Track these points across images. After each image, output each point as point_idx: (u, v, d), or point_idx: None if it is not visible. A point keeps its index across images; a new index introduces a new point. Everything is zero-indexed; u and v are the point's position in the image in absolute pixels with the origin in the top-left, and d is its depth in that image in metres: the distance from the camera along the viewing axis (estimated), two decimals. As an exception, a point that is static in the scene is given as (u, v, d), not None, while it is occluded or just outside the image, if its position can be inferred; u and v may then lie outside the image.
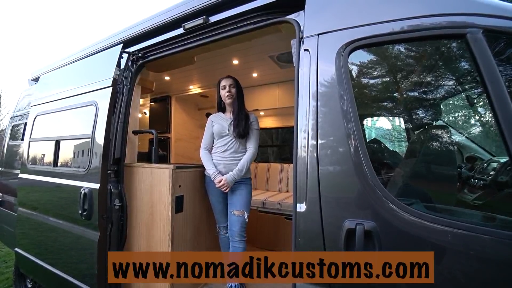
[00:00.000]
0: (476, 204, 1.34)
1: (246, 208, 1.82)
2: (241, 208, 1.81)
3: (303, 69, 1.11)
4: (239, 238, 1.79)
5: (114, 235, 1.70)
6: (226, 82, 1.91)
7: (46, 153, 2.15)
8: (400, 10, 0.94)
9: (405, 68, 1.18)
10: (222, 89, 1.92)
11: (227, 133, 1.86)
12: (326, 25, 1.07)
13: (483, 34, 0.81)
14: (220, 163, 1.85)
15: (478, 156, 1.80)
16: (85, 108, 1.87)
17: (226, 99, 1.91)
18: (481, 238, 0.77)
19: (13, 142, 3.07)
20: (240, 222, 1.79)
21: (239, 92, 1.94)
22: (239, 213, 1.80)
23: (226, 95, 1.89)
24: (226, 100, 1.91)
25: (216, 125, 1.90)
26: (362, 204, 0.93)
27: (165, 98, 3.85)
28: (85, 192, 1.66)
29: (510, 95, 0.76)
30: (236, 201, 1.82)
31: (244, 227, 1.81)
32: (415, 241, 0.85)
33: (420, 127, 1.42)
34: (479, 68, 0.81)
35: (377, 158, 1.38)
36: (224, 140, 1.87)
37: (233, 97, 1.90)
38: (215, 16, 1.48)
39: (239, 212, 1.80)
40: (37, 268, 2.05)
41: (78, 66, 2.15)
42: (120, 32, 1.95)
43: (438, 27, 0.87)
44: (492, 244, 0.76)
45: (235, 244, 1.80)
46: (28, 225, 2.19)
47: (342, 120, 0.97)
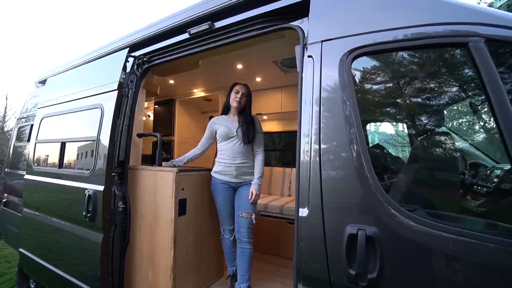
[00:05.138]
0: (479, 211, 1.33)
1: (253, 210, 1.84)
2: (249, 209, 1.82)
3: (307, 75, 1.12)
4: (246, 239, 1.81)
5: (117, 237, 1.71)
6: (241, 89, 1.94)
7: (51, 155, 2.18)
8: (402, 19, 0.96)
9: (408, 74, 1.19)
10: (234, 93, 1.94)
11: (235, 135, 1.89)
12: (330, 32, 1.09)
13: (485, 43, 0.82)
14: (232, 165, 1.87)
15: (482, 162, 1.80)
16: (90, 111, 1.90)
17: (233, 103, 1.94)
18: (484, 245, 0.77)
19: (19, 144, 3.11)
20: (247, 223, 1.81)
21: (250, 101, 1.99)
22: (247, 214, 1.81)
23: (235, 99, 1.92)
24: (233, 104, 1.94)
25: (222, 127, 1.92)
26: (364, 210, 0.93)
27: (169, 101, 3.89)
28: (89, 194, 1.68)
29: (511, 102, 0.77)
30: (245, 203, 1.83)
31: (251, 229, 1.83)
32: (417, 247, 0.85)
33: (423, 133, 1.43)
34: (481, 76, 0.82)
35: (379, 163, 1.38)
36: (231, 143, 1.89)
37: (240, 104, 1.93)
38: (220, 22, 1.51)
39: (247, 214, 1.81)
40: (40, 269, 2.07)
41: (84, 70, 2.19)
42: (126, 36, 1.98)
43: (440, 36, 0.89)
44: (495, 252, 0.76)
45: (244, 245, 1.81)
46: (33, 225, 2.21)
47: (344, 125, 0.98)
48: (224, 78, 3.16)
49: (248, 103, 1.97)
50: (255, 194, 1.81)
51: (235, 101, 1.92)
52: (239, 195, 1.88)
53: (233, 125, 1.92)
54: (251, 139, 1.87)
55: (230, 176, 1.87)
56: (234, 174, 1.87)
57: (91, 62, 2.17)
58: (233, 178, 1.87)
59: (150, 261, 1.76)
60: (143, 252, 1.80)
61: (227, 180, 1.88)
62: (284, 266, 2.50)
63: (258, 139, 1.93)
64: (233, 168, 1.86)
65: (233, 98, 1.94)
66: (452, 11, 0.90)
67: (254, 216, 1.83)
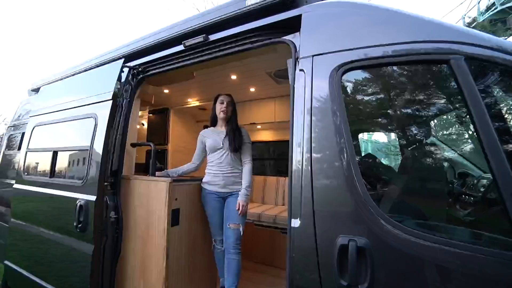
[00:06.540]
0: (467, 220, 1.36)
1: (241, 221, 1.84)
2: (237, 221, 1.82)
3: (299, 87, 1.16)
4: (234, 250, 1.80)
5: (109, 248, 1.68)
6: (225, 99, 2.00)
7: (43, 164, 2.15)
8: (389, 35, 1.01)
9: (396, 87, 1.23)
10: (219, 103, 2.00)
11: (221, 146, 1.92)
12: (321, 47, 1.13)
13: (465, 60, 0.87)
14: (219, 175, 1.90)
15: (470, 172, 1.85)
16: (84, 120, 1.89)
17: (220, 114, 1.99)
18: (473, 256, 0.79)
19: (8, 152, 3.06)
20: (235, 235, 1.81)
21: (235, 110, 2.05)
22: (235, 226, 1.82)
23: (221, 110, 1.98)
24: (219, 115, 2.00)
25: (209, 139, 1.97)
26: (355, 220, 0.95)
27: (164, 110, 3.89)
28: (81, 204, 1.66)
29: (490, 116, 0.82)
30: (232, 214, 1.83)
31: (240, 240, 1.82)
32: (407, 258, 0.87)
33: (411, 144, 1.47)
34: (462, 91, 0.87)
35: (369, 173, 1.41)
36: (219, 154, 1.93)
37: (227, 114, 1.99)
38: (215, 35, 1.54)
39: (235, 226, 1.82)
40: (26, 282, 2.00)
41: (79, 79, 2.19)
42: (121, 47, 2.00)
43: (424, 53, 0.94)
44: (483, 262, 0.78)
45: (231, 256, 1.80)
46: (21, 236, 2.15)
47: (335, 135, 1.01)
48: (218, 88, 3.17)
49: (234, 112, 2.03)
50: (241, 205, 1.82)
51: (222, 111, 1.98)
52: (227, 206, 1.89)
53: (220, 136, 1.96)
54: (238, 147, 1.90)
55: (218, 186, 1.89)
56: (222, 184, 1.89)
57: (86, 72, 2.18)
58: (221, 188, 1.89)
59: (141, 272, 1.73)
60: (134, 264, 1.77)
61: (216, 190, 1.90)
62: (277, 276, 2.48)
63: (246, 148, 1.97)
64: (221, 178, 1.89)
65: (219, 109, 1.99)
66: (435, 30, 0.95)
67: (242, 227, 1.83)
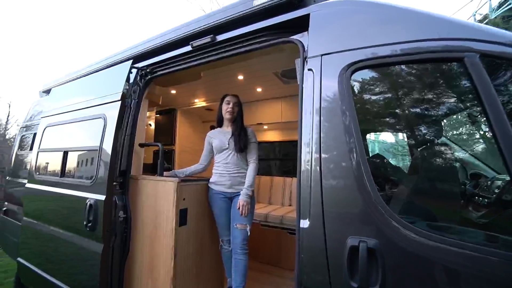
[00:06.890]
0: (481, 222, 1.33)
1: (248, 221, 1.84)
2: (244, 221, 1.82)
3: (307, 87, 1.15)
4: (241, 250, 1.80)
5: (117, 247, 1.70)
6: (231, 99, 2.00)
7: (53, 164, 2.19)
8: (399, 34, 0.99)
9: (406, 86, 1.21)
10: (225, 104, 2.00)
11: (227, 146, 1.93)
12: (329, 46, 1.12)
13: (479, 58, 0.85)
14: (226, 175, 1.90)
15: (482, 173, 1.80)
16: (93, 121, 1.92)
17: (226, 115, 1.99)
18: (486, 258, 0.77)
19: (21, 152, 3.13)
20: (242, 235, 1.81)
21: (241, 110, 2.04)
22: (242, 226, 1.81)
23: (228, 111, 1.98)
24: (225, 116, 2.00)
25: (216, 140, 1.98)
26: (365, 221, 0.93)
27: (171, 110, 3.92)
28: (90, 203, 1.68)
29: (507, 115, 0.79)
30: (238, 214, 1.83)
31: (246, 240, 1.82)
32: (419, 260, 0.85)
33: (422, 144, 1.44)
34: (477, 90, 0.84)
35: (380, 174, 1.39)
36: (225, 154, 1.94)
37: (233, 114, 1.99)
38: (222, 35, 1.54)
39: (242, 226, 1.81)
40: (38, 279, 2.04)
41: (88, 80, 2.23)
42: (130, 48, 2.03)
43: (437, 51, 0.91)
44: (497, 265, 0.76)
45: (238, 256, 1.80)
46: (32, 235, 2.20)
47: (344, 135, 1.00)
48: (225, 88, 3.18)
49: (240, 113, 2.03)
50: (242, 204, 1.81)
51: (228, 112, 1.98)
52: (234, 206, 1.88)
53: (226, 136, 1.96)
54: (243, 147, 1.91)
55: (225, 186, 1.90)
56: (228, 184, 1.89)
57: (95, 73, 2.21)
58: (227, 188, 1.90)
59: (149, 271, 1.75)
60: (143, 263, 1.78)
61: (222, 190, 1.90)
62: (284, 277, 2.47)
63: (251, 148, 1.96)
64: (227, 178, 1.89)
65: (225, 109, 1.99)
66: (446, 27, 0.93)
67: (249, 227, 1.83)
